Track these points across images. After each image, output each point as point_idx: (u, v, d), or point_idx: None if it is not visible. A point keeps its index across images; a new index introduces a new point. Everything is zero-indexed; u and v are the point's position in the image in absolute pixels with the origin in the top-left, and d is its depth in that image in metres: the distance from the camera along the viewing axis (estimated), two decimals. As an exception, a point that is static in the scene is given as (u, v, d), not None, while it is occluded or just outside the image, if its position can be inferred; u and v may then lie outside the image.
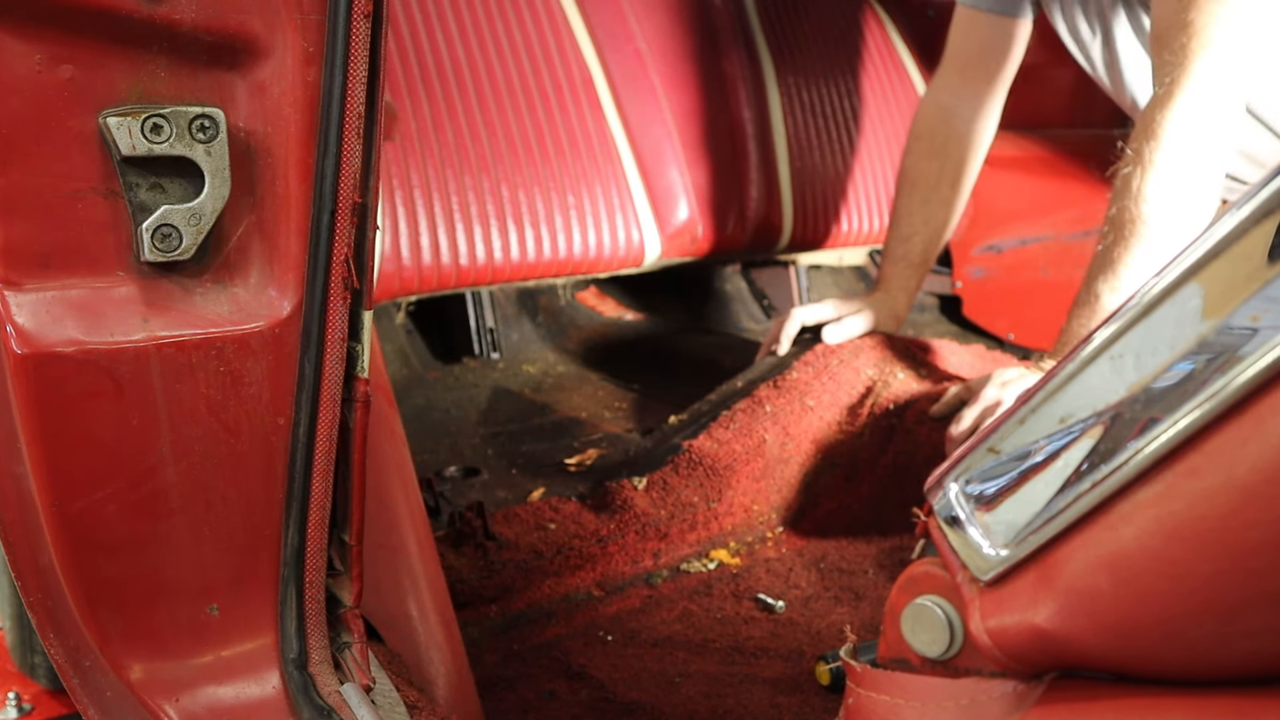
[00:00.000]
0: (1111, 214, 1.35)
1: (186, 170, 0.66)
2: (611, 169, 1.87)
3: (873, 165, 2.23)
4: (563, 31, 1.91)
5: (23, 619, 1.26)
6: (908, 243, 1.76)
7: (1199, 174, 1.32)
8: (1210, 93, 1.31)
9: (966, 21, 1.77)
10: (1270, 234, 0.44)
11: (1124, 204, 1.33)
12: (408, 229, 1.66)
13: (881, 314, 1.69)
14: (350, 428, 0.75)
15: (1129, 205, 1.33)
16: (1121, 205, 1.34)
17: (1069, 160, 2.32)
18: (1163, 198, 1.31)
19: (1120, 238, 1.34)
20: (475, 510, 1.30)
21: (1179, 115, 1.31)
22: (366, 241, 0.71)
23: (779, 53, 2.18)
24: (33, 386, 0.65)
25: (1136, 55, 1.61)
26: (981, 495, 0.57)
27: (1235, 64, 1.31)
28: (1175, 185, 1.31)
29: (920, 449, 1.45)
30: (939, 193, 1.76)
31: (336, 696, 0.74)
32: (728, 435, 1.44)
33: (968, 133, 1.77)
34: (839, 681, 1.08)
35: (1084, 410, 0.52)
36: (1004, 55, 1.75)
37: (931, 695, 0.59)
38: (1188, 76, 1.31)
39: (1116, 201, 1.35)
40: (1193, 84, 1.31)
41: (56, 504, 0.67)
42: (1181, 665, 0.49)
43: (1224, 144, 1.34)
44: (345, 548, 0.78)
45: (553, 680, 1.13)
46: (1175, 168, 1.31)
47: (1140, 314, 0.49)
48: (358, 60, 0.66)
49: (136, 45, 0.63)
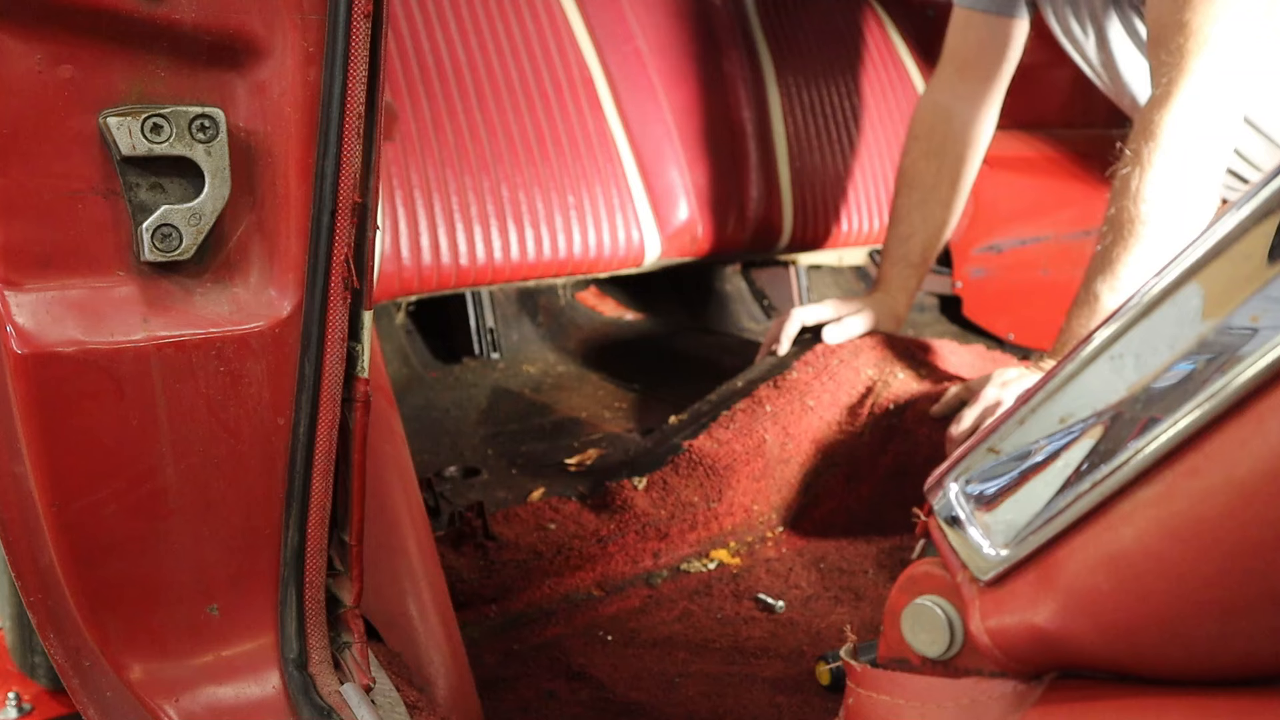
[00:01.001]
0: (1110, 214, 1.36)
1: (186, 170, 0.66)
2: (611, 169, 1.87)
3: (873, 165, 2.23)
4: (563, 31, 1.91)
5: (23, 619, 1.26)
6: (907, 243, 1.76)
7: (1198, 174, 1.33)
8: (1208, 93, 1.31)
9: (963, 22, 1.77)
10: (1270, 234, 0.44)
11: (1123, 204, 1.34)
12: (408, 229, 1.66)
13: (881, 314, 1.69)
14: (350, 428, 0.75)
15: (1128, 205, 1.33)
16: (1120, 205, 1.34)
17: (1069, 160, 2.32)
18: (1161, 198, 1.31)
19: (1119, 238, 1.34)
20: (475, 510, 1.30)
21: (1177, 115, 1.31)
22: (366, 241, 0.71)
23: (779, 53, 2.18)
24: (33, 386, 0.65)
25: (1131, 55, 1.62)
26: (981, 495, 0.57)
27: (1232, 64, 1.31)
28: (1174, 185, 1.32)
29: (920, 449, 1.45)
30: (937, 193, 1.76)
31: (336, 696, 0.74)
32: (728, 435, 1.44)
33: (966, 132, 1.77)
34: (839, 681, 1.08)
35: (1084, 410, 0.52)
36: (1001, 55, 1.75)
37: (931, 695, 0.59)
38: (1185, 77, 1.31)
39: (1115, 202, 1.35)
40: (1190, 84, 1.31)
41: (56, 504, 0.67)
42: (1181, 665, 0.49)
43: (1223, 144, 1.34)
44: (345, 548, 0.78)
45: (553, 680, 1.13)
46: (1174, 168, 1.31)
47: (1140, 314, 0.49)
48: (358, 60, 0.66)
49: (136, 45, 0.63)
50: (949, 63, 1.79)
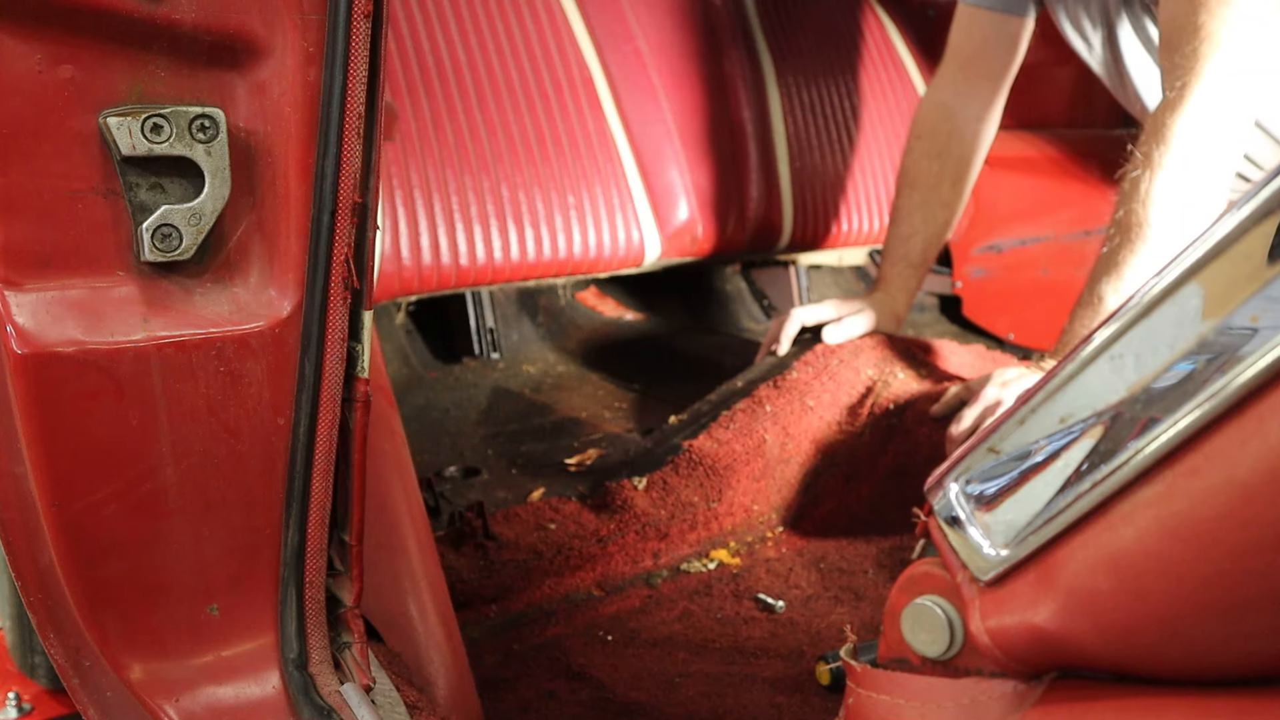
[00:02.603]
0: (1118, 217, 1.35)
1: (186, 170, 0.66)
2: (611, 169, 1.87)
3: (873, 165, 2.23)
4: (563, 31, 1.91)
5: (23, 619, 1.26)
6: (908, 243, 1.75)
7: (1207, 179, 1.32)
8: (1221, 97, 1.30)
9: (968, 20, 1.76)
10: (1270, 234, 0.44)
11: (1131, 207, 1.33)
12: (408, 229, 1.66)
13: (882, 314, 1.69)
14: (350, 428, 0.75)
15: (1136, 209, 1.32)
16: (1128, 209, 1.33)
17: (1069, 160, 2.32)
18: (1170, 202, 1.30)
19: (1126, 240, 1.33)
20: (475, 510, 1.30)
21: (1189, 120, 1.30)
22: (366, 241, 0.71)
23: (779, 53, 2.18)
24: (33, 386, 0.65)
25: (1141, 57, 1.61)
26: (981, 495, 0.57)
27: (1245, 69, 1.30)
28: (1183, 190, 1.31)
29: (920, 449, 1.45)
30: (939, 193, 1.76)
31: (336, 696, 0.74)
32: (728, 435, 1.44)
33: (969, 132, 1.77)
34: (839, 681, 1.08)
35: (1084, 410, 0.52)
36: (1006, 54, 1.75)
37: (932, 695, 0.59)
38: (1199, 80, 1.30)
39: (1123, 204, 1.34)
40: (1203, 88, 1.30)
41: (56, 504, 0.67)
42: (1181, 665, 0.49)
43: (1233, 150, 1.33)
44: (345, 548, 0.78)
45: (553, 680, 1.13)
46: (1184, 172, 1.31)
47: (1140, 314, 0.49)
48: (358, 60, 0.66)
49: (136, 45, 0.63)
50: (952, 61, 1.79)
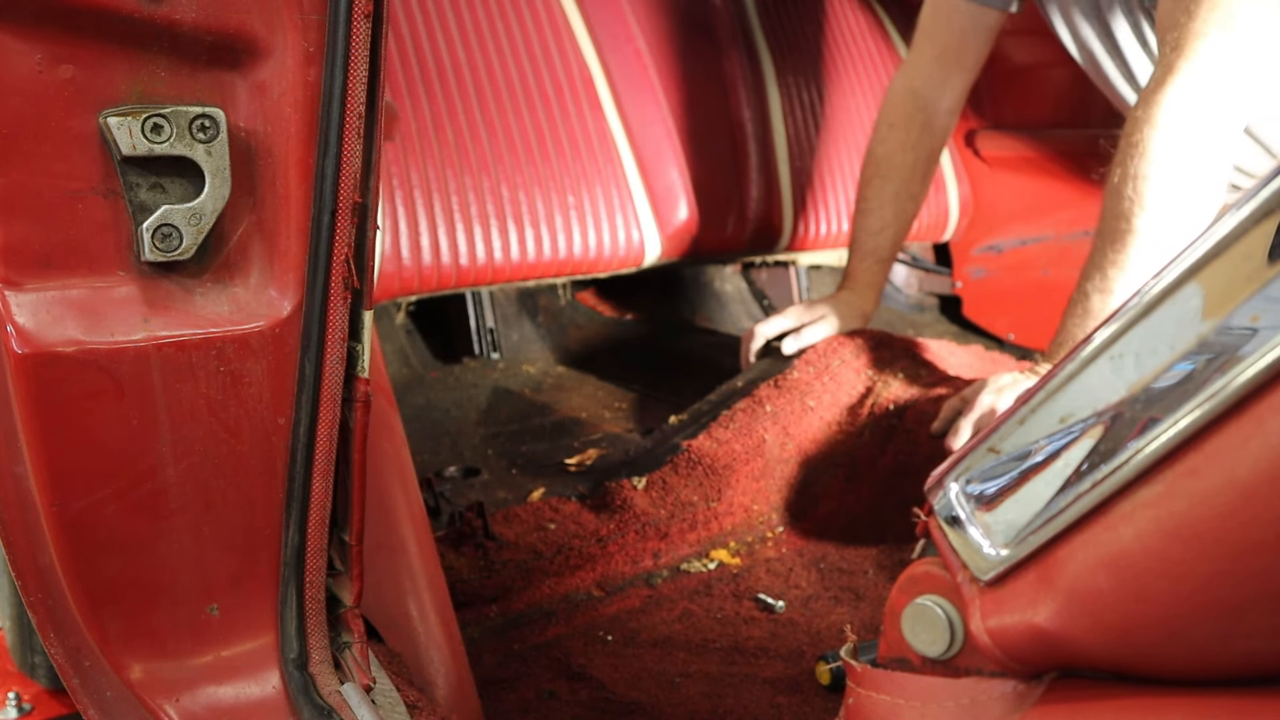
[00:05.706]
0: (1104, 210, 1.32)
1: (187, 170, 0.66)
2: (611, 169, 1.87)
3: (873, 165, 2.22)
4: (563, 31, 1.91)
5: (23, 619, 1.26)
6: (879, 236, 1.71)
7: (1194, 165, 1.27)
8: (1209, 77, 1.25)
9: (948, 9, 1.71)
10: (1270, 234, 0.44)
11: (1116, 198, 1.29)
12: (408, 229, 1.66)
13: (848, 315, 1.66)
14: (350, 428, 0.75)
15: (1116, 203, 1.29)
16: (1108, 205, 1.30)
17: (1069, 160, 2.32)
18: (1157, 189, 1.26)
19: (1108, 237, 1.30)
20: (475, 510, 1.30)
21: (1174, 97, 1.26)
22: (366, 241, 0.71)
23: (779, 53, 2.18)
24: (33, 386, 0.65)
25: (1138, 59, 1.61)
26: (982, 495, 0.57)
27: (1236, 51, 1.25)
28: (1170, 176, 1.26)
29: (920, 449, 1.45)
30: (911, 186, 1.72)
31: (337, 696, 0.74)
32: (728, 435, 1.44)
33: (939, 124, 1.74)
34: (839, 681, 1.08)
35: (1084, 410, 0.52)
36: (983, 46, 1.72)
37: (932, 695, 0.59)
38: (1186, 59, 1.26)
39: (1104, 200, 1.31)
40: (1190, 66, 1.26)
41: (56, 504, 0.67)
42: (1181, 665, 0.49)
43: (1222, 137, 1.28)
44: (345, 548, 0.78)
45: (553, 680, 1.13)
46: (1170, 155, 1.26)
47: (1140, 314, 0.49)
48: (358, 60, 0.66)
49: (137, 45, 0.63)
50: (927, 48, 1.74)
